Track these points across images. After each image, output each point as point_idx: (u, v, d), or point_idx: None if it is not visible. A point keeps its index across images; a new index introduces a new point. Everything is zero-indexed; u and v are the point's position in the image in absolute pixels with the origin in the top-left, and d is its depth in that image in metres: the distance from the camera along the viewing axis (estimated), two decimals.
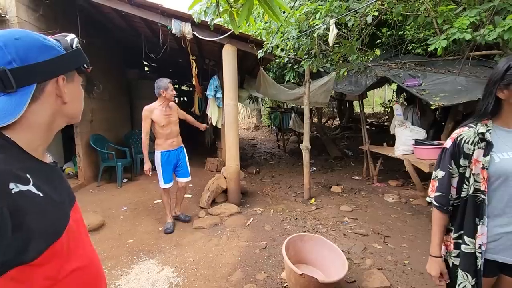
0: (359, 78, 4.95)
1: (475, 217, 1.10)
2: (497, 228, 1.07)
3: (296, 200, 4.30)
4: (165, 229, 3.21)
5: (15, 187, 0.50)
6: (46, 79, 0.59)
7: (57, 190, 0.62)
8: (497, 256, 1.09)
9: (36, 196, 0.54)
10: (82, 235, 0.69)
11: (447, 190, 1.18)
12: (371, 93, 13.58)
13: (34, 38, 0.59)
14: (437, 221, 1.22)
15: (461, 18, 2.42)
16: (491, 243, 1.08)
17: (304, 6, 3.22)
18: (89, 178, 4.93)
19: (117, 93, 6.11)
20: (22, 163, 0.56)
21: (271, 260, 2.63)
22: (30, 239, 0.51)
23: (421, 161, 3.69)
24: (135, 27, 4.98)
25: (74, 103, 0.68)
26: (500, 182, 1.06)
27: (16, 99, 0.55)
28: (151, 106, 3.16)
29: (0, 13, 3.33)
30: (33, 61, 0.56)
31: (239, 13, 1.24)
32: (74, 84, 0.68)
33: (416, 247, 2.81)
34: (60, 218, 0.61)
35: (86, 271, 0.66)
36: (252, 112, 17.71)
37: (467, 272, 1.12)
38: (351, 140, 8.84)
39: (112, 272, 2.45)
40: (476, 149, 1.09)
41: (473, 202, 1.10)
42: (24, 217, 0.50)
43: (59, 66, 0.61)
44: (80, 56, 0.67)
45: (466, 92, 3.43)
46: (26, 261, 0.51)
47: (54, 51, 0.61)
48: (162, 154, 3.22)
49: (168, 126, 3.20)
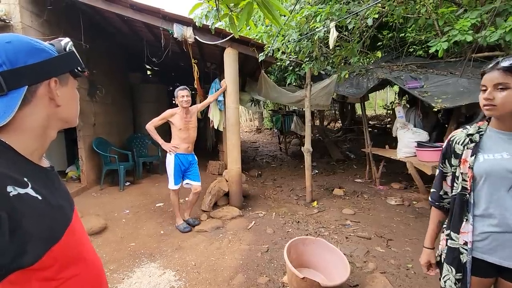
0: (361, 81, 4.94)
1: (461, 215, 1.15)
2: (484, 227, 1.09)
3: (298, 203, 4.29)
4: (183, 229, 3.25)
5: (13, 190, 0.50)
6: (37, 82, 0.59)
7: (55, 194, 0.62)
8: (486, 256, 1.09)
9: (35, 199, 0.54)
10: (83, 238, 0.69)
11: (438, 187, 1.28)
12: (373, 95, 13.57)
13: (24, 41, 0.59)
14: (431, 215, 1.36)
15: (462, 20, 2.41)
16: (479, 242, 1.10)
17: (304, 9, 3.23)
18: (92, 181, 4.94)
19: (120, 96, 6.15)
20: (19, 166, 0.56)
21: (273, 263, 2.61)
22: (29, 243, 0.51)
23: (423, 164, 3.67)
24: (137, 31, 5.03)
25: (69, 106, 0.67)
26: (483, 181, 1.09)
27: (6, 102, 0.55)
28: (174, 110, 3.29)
29: (5, 18, 3.37)
30: (23, 63, 0.56)
31: (239, 17, 1.24)
32: (68, 87, 0.67)
33: (419, 251, 2.75)
34: (59, 222, 0.61)
35: (88, 274, 0.66)
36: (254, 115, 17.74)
37: (451, 266, 1.18)
38: (353, 142, 8.82)
39: (114, 275, 2.45)
40: (465, 150, 1.13)
41: (460, 200, 1.15)
42: (22, 220, 0.50)
43: (50, 69, 0.61)
44: (73, 59, 0.67)
45: (469, 94, 3.41)
46: (24, 266, 0.51)
47: (45, 53, 0.61)
48: (176, 157, 3.27)
49: (185, 131, 3.31)
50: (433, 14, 2.88)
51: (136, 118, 6.88)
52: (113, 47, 5.88)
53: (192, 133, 3.39)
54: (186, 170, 3.38)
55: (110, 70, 5.63)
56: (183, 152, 3.32)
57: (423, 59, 4.72)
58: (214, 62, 5.80)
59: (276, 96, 5.71)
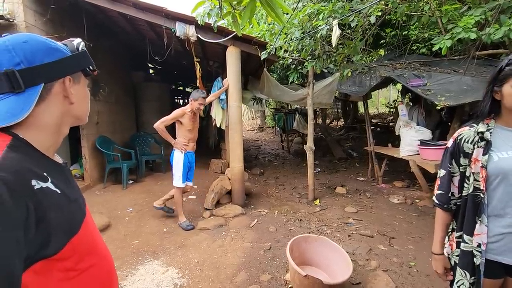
0: (363, 79, 4.93)
1: (474, 216, 1.10)
2: (499, 229, 1.06)
3: (300, 201, 4.29)
4: (187, 227, 3.29)
5: (37, 184, 0.53)
6: (53, 80, 0.62)
7: (70, 188, 0.65)
8: (500, 258, 1.07)
9: (55, 193, 0.57)
10: (96, 232, 0.73)
11: (447, 189, 1.19)
12: (376, 93, 13.50)
13: (40, 41, 0.61)
14: (438, 219, 1.25)
15: (466, 17, 2.40)
16: (493, 243, 1.07)
17: (307, 7, 3.22)
18: (95, 179, 4.98)
19: (123, 95, 6.17)
20: (38, 162, 0.59)
21: (276, 261, 2.62)
22: (52, 234, 0.54)
23: (426, 162, 3.65)
24: (140, 30, 5.04)
25: (81, 104, 0.70)
26: (498, 181, 1.05)
27: (24, 99, 0.57)
28: (184, 110, 3.31)
29: (8, 17, 3.40)
30: (40, 62, 0.59)
31: (242, 15, 1.25)
32: (81, 85, 0.70)
33: (422, 249, 2.78)
34: (76, 214, 0.64)
35: (102, 266, 0.69)
36: (256, 114, 17.74)
37: (465, 270, 1.12)
38: (355, 141, 8.80)
39: (117, 272, 2.43)
40: (476, 148, 1.09)
41: (473, 201, 1.10)
42: (46, 212, 0.52)
43: (65, 67, 0.64)
44: (85, 58, 0.70)
45: (472, 92, 3.39)
46: (48, 255, 0.54)
47: (59, 53, 0.63)
48: (185, 155, 3.33)
49: (193, 131, 3.42)
50: (437, 11, 2.86)
51: (139, 116, 6.90)
52: (116, 46, 5.90)
53: (195, 132, 3.48)
54: (189, 169, 3.44)
55: (113, 69, 5.65)
56: (191, 151, 3.42)
57: (426, 57, 4.70)
58: (216, 60, 5.80)
59: (278, 94, 5.71)
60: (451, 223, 1.25)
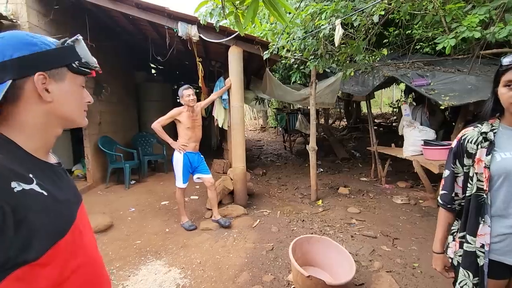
0: (366, 78, 4.90)
1: (478, 217, 1.09)
2: (502, 229, 1.05)
3: (303, 202, 4.28)
4: (189, 227, 3.28)
5: (18, 185, 0.51)
6: (21, 76, 0.56)
7: (61, 189, 0.63)
8: (503, 258, 1.06)
9: (40, 195, 0.55)
10: (88, 235, 0.70)
11: (450, 189, 1.20)
12: (379, 93, 13.44)
13: (17, 36, 0.58)
14: (440, 218, 1.27)
15: (470, 16, 2.38)
16: (496, 243, 1.06)
17: (309, 6, 3.21)
18: (98, 179, 4.99)
19: (125, 95, 6.19)
20: (23, 162, 0.56)
21: (278, 262, 2.61)
22: (34, 238, 0.52)
23: (430, 162, 3.63)
24: (142, 30, 5.05)
25: (65, 103, 0.64)
26: (501, 181, 1.04)
27: None
28: (180, 109, 3.29)
29: (12, 18, 3.41)
30: (8, 57, 0.55)
31: (245, 14, 1.24)
32: (65, 83, 0.63)
33: (426, 250, 2.76)
34: (65, 217, 0.61)
35: (89, 269, 0.66)
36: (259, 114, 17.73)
37: (468, 270, 1.12)
38: (358, 141, 8.75)
39: (120, 273, 2.47)
40: (479, 149, 1.08)
41: (476, 201, 1.10)
42: (27, 215, 0.51)
43: (36, 63, 0.58)
44: (68, 53, 0.63)
45: (477, 92, 3.36)
46: (30, 260, 0.51)
47: (35, 47, 0.58)
48: (185, 155, 3.30)
49: (192, 129, 3.34)
50: (441, 10, 2.83)
51: (141, 116, 6.92)
52: (119, 46, 5.92)
53: (198, 132, 3.42)
54: (195, 168, 3.41)
55: (116, 69, 5.66)
56: (191, 151, 3.35)
57: (430, 56, 4.66)
58: (218, 60, 5.80)
59: (281, 94, 5.70)
60: (453, 223, 1.25)
